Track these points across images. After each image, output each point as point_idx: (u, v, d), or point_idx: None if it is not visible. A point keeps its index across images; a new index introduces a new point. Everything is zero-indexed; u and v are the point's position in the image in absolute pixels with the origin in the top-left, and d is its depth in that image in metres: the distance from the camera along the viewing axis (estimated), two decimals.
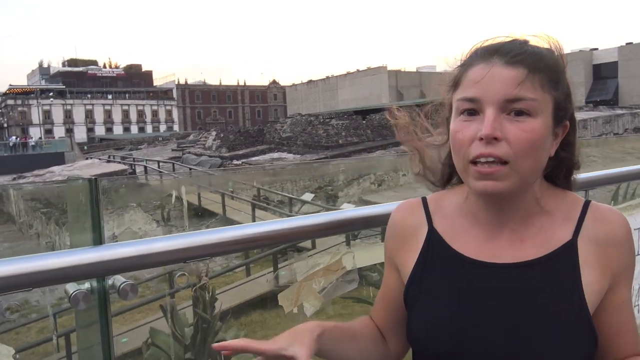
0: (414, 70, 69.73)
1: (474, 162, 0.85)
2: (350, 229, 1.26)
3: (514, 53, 0.85)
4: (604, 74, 57.52)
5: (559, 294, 0.87)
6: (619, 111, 33.32)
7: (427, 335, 0.92)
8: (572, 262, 0.89)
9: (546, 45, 0.90)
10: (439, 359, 0.91)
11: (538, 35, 0.92)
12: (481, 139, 0.83)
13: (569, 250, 0.90)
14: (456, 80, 0.91)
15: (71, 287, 1.04)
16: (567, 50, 0.96)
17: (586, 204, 0.94)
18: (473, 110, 0.86)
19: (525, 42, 0.89)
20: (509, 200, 0.90)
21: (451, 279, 0.93)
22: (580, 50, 58.13)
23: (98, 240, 1.05)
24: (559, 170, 0.96)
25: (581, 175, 1.69)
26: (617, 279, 0.91)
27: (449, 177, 1.04)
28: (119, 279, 1.09)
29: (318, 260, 1.32)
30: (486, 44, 0.91)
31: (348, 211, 1.22)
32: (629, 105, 40.44)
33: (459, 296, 0.91)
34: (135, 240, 1.02)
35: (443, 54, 0.99)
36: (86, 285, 1.07)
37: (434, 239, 0.97)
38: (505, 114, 0.84)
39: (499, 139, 0.83)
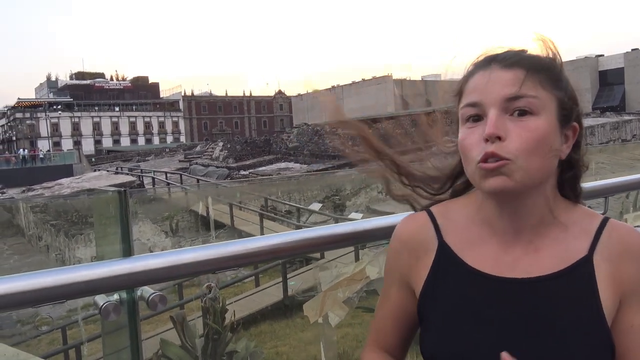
0: (419, 79, 69.79)
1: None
2: (374, 238, 1.26)
3: (510, 58, 0.88)
4: (610, 81, 57.26)
5: (577, 309, 0.85)
6: (627, 117, 33.12)
7: (443, 351, 0.89)
8: (589, 277, 0.87)
9: (541, 50, 0.91)
10: None
11: (533, 37, 0.92)
12: (487, 140, 0.83)
13: (585, 265, 0.87)
14: (459, 91, 0.93)
15: (100, 299, 1.05)
16: (572, 57, 0.97)
17: (604, 221, 0.92)
18: (477, 116, 0.87)
19: (522, 50, 0.90)
20: (523, 203, 0.88)
21: (466, 294, 0.90)
22: (585, 57, 57.91)
23: (128, 252, 1.06)
24: (570, 175, 0.94)
25: (599, 182, 1.69)
26: (629, 299, 0.87)
27: (448, 185, 1.03)
28: (147, 290, 1.09)
29: (343, 269, 1.32)
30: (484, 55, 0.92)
31: (370, 221, 1.22)
32: (637, 111, 40.21)
33: (474, 311, 0.89)
34: (165, 252, 1.03)
35: (444, 64, 0.99)
36: (115, 296, 1.09)
37: (445, 254, 0.94)
38: (509, 114, 0.84)
39: (502, 139, 0.83)
